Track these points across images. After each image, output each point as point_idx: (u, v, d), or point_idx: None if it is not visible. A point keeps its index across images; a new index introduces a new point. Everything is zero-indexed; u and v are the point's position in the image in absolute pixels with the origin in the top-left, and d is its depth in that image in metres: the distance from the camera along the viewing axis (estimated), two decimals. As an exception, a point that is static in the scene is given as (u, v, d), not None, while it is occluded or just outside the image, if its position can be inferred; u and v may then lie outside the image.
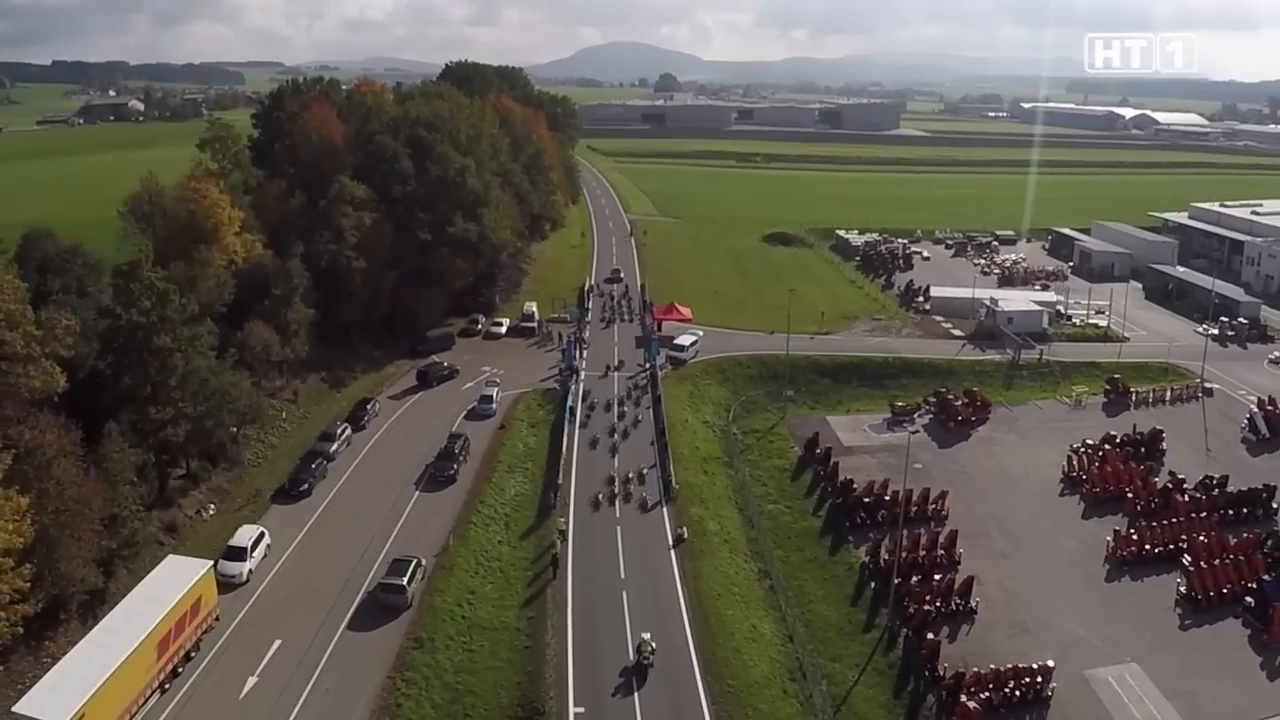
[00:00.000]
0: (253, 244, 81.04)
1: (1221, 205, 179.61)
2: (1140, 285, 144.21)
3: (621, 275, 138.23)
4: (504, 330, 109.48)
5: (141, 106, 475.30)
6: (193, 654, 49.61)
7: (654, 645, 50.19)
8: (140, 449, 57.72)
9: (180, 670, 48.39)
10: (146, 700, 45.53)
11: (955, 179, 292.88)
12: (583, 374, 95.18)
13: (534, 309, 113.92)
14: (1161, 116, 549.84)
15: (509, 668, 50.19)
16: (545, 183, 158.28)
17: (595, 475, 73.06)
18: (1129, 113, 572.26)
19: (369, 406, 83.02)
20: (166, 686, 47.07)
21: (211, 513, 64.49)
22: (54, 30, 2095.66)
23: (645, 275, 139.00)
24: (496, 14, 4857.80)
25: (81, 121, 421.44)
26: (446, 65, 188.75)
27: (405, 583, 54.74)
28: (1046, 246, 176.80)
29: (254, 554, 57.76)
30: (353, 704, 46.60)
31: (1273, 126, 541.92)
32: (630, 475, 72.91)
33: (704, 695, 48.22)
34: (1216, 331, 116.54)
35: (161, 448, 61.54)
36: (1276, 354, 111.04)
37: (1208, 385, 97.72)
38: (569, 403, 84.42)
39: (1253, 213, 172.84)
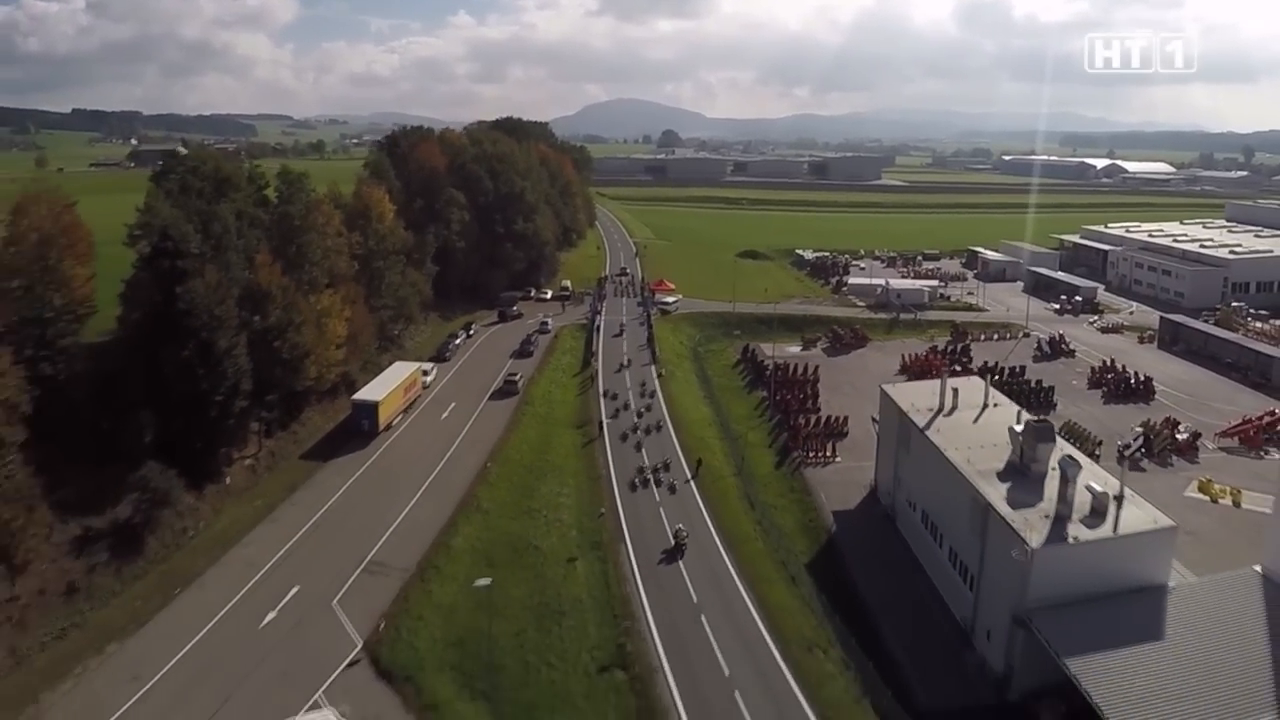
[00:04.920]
0: (398, 227, 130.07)
1: (1105, 227, 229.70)
2: (1021, 283, 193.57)
3: (628, 271, 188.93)
4: (549, 296, 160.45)
5: (185, 153, 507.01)
6: (412, 406, 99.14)
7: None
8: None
9: (407, 411, 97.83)
10: (398, 416, 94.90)
11: (917, 217, 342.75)
12: (603, 315, 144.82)
13: (569, 283, 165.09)
14: (1131, 166, 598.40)
15: (572, 412, 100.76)
16: (572, 205, 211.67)
17: (611, 358, 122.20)
18: (1100, 163, 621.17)
19: (472, 326, 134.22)
20: (402, 416, 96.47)
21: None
22: (64, 78, 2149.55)
23: (644, 272, 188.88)
24: (502, 71, 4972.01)
25: (133, 165, 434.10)
26: (498, 119, 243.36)
27: (517, 381, 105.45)
28: (963, 261, 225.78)
29: (429, 374, 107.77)
30: (498, 421, 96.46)
31: (1235, 173, 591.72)
32: (632, 356, 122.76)
33: (669, 421, 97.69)
34: (1058, 306, 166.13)
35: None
36: (1094, 319, 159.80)
37: (1027, 332, 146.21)
38: (595, 323, 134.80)
39: (1126, 231, 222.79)
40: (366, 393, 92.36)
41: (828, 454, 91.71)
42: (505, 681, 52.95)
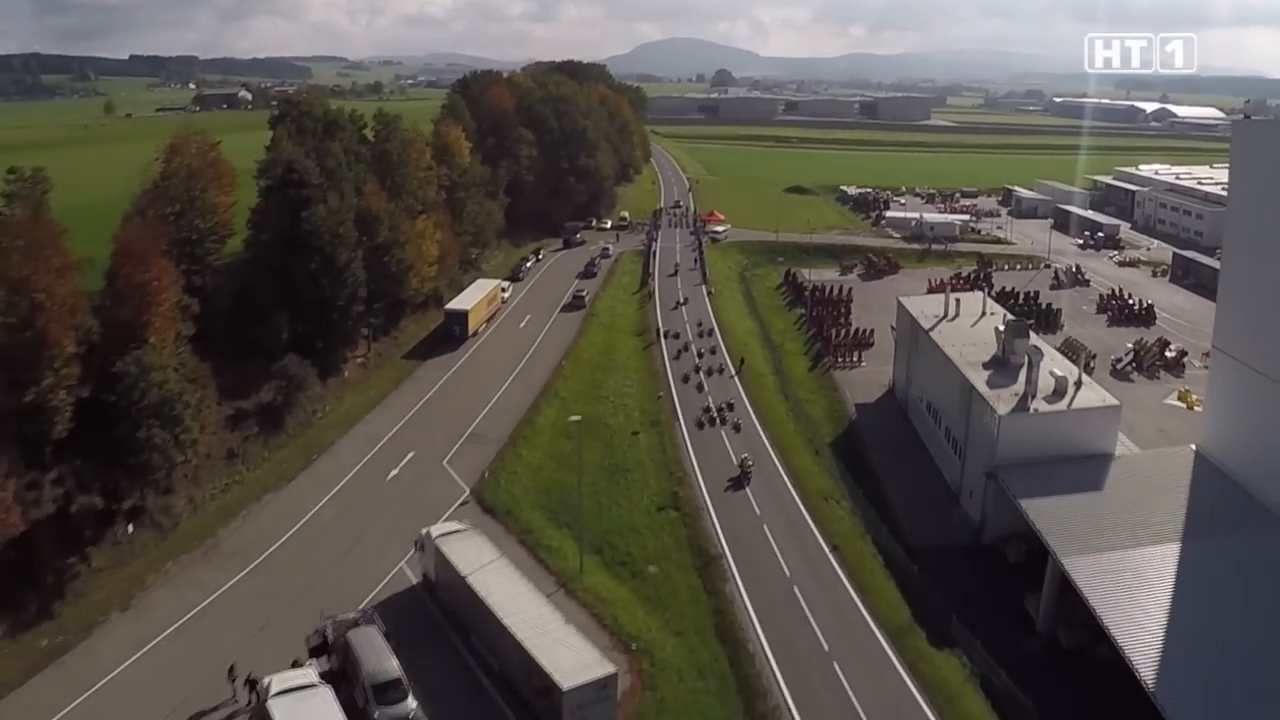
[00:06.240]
0: (475, 162, 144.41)
1: (1135, 169, 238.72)
2: (1051, 220, 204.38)
3: (681, 204, 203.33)
4: (609, 226, 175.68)
5: (250, 97, 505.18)
6: (493, 317, 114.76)
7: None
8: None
9: (490, 321, 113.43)
10: (483, 325, 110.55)
11: (962, 156, 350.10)
12: (658, 242, 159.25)
13: (627, 214, 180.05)
14: (1180, 110, 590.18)
15: (633, 323, 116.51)
16: (629, 142, 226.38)
17: (666, 284, 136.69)
18: (1150, 106, 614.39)
19: (540, 252, 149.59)
20: (486, 325, 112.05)
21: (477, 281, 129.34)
22: (119, 24, 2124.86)
23: (696, 204, 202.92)
24: (555, 10, 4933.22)
25: (198, 109, 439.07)
26: (559, 63, 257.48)
27: (584, 296, 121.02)
28: (999, 199, 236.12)
29: (507, 291, 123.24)
30: (569, 329, 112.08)
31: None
32: (685, 288, 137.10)
33: (716, 328, 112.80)
34: (1081, 242, 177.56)
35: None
36: (1114, 254, 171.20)
37: (1048, 264, 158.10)
38: (652, 249, 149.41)
39: (1155, 173, 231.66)
40: (457, 303, 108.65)
41: (855, 360, 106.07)
42: (584, 516, 67.95)
